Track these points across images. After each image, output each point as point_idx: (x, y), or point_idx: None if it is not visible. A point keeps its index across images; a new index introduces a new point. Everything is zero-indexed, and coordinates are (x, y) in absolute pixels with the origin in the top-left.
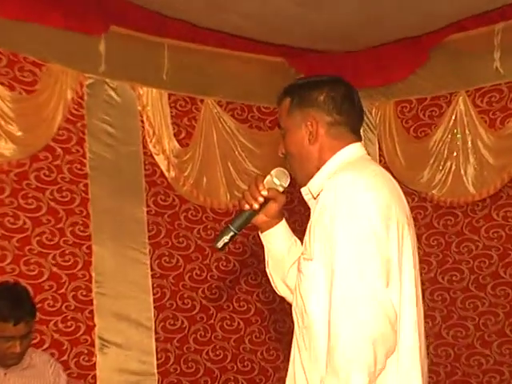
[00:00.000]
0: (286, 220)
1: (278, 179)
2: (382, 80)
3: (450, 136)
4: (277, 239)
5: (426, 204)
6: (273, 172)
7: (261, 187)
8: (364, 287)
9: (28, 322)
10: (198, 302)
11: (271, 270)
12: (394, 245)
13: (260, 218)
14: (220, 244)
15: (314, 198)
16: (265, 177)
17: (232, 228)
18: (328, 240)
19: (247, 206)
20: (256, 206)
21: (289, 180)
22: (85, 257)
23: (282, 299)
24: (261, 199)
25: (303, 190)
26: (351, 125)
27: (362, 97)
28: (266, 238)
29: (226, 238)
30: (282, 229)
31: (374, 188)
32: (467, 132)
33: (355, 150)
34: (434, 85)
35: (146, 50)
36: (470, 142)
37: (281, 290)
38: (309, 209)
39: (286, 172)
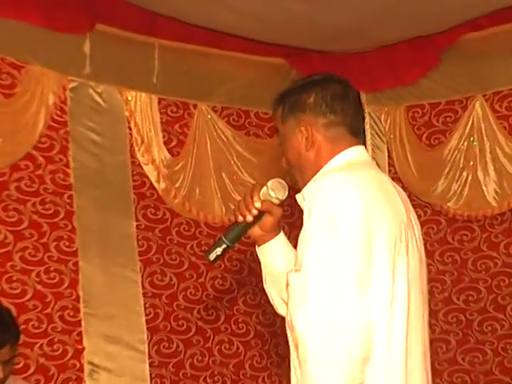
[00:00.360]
0: (287, 234)
1: (273, 191)
2: (390, 83)
3: (466, 144)
4: (272, 254)
5: (439, 218)
6: (269, 183)
7: (255, 198)
8: (340, 308)
9: (12, 345)
10: (193, 324)
11: (268, 286)
12: (380, 255)
13: (255, 232)
14: (212, 256)
15: None
16: (262, 186)
17: (225, 240)
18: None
19: (241, 218)
20: (250, 219)
21: (286, 192)
22: (71, 274)
23: (284, 320)
24: (254, 211)
25: (297, 198)
26: (349, 124)
27: (370, 102)
28: (262, 252)
29: (218, 250)
30: (279, 243)
31: (353, 192)
32: (485, 139)
33: (354, 153)
34: (449, 88)
35: (135, 50)
36: (488, 150)
37: (280, 308)
38: None
39: (284, 184)
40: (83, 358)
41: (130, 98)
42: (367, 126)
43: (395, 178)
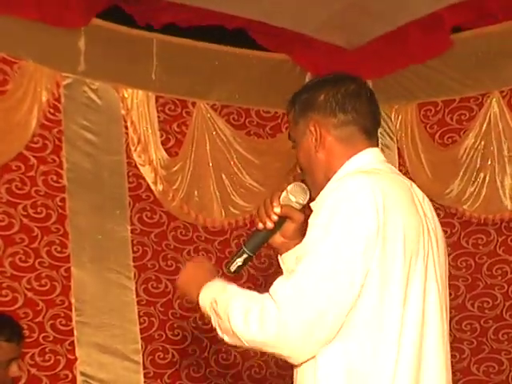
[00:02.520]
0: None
1: (293, 195)
2: (400, 64)
3: (482, 143)
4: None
5: (453, 220)
6: (288, 187)
7: (275, 204)
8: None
9: (18, 343)
10: (189, 333)
11: None
12: (394, 261)
13: (277, 239)
14: (233, 267)
15: None
16: (282, 192)
17: (246, 250)
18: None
19: (261, 225)
20: (270, 225)
21: (308, 196)
22: (63, 281)
23: None
24: (274, 217)
25: (312, 206)
26: (362, 124)
27: (379, 98)
28: (284, 261)
29: (239, 261)
30: None
31: (366, 203)
32: (503, 138)
33: (370, 156)
34: (463, 84)
35: (132, 46)
36: (506, 150)
37: None
38: None
39: (305, 187)
40: (76, 369)
41: (126, 96)
42: None
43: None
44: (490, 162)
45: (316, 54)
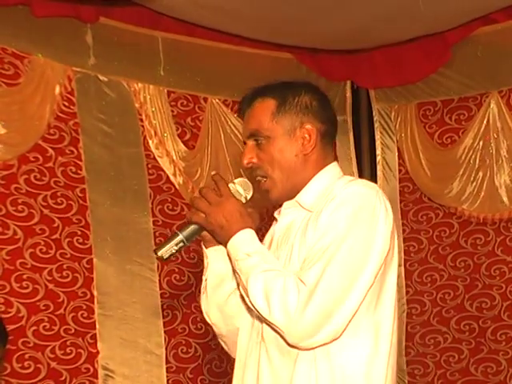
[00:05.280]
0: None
1: (242, 188)
2: (400, 80)
3: (481, 143)
4: (225, 257)
5: (452, 220)
6: (236, 180)
7: None
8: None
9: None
10: (211, 327)
11: (209, 292)
12: (391, 279)
13: None
14: (166, 254)
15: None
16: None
17: (183, 238)
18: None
19: (202, 214)
20: None
21: (251, 193)
22: (85, 272)
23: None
24: None
25: (287, 204)
26: (334, 137)
27: (380, 98)
28: (213, 254)
29: (174, 248)
30: None
31: (389, 204)
32: (501, 138)
33: (338, 170)
34: (462, 84)
35: (139, 43)
36: (504, 150)
37: (213, 317)
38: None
39: (250, 185)
40: (97, 363)
41: (137, 90)
42: (377, 124)
43: (407, 178)
44: (488, 162)
45: (320, 55)
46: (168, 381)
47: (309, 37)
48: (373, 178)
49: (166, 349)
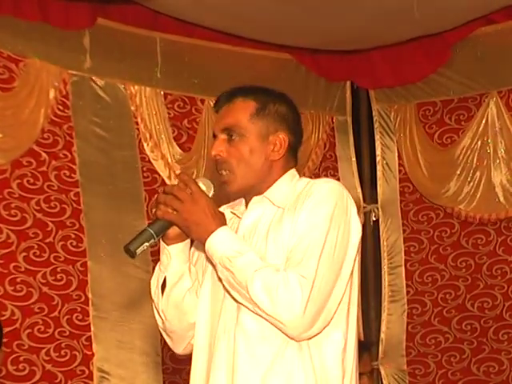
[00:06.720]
0: None
1: (206, 187)
2: (400, 80)
3: (479, 143)
4: (184, 255)
5: (452, 221)
6: (199, 179)
7: None
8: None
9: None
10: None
11: (168, 289)
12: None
13: (176, 229)
14: (139, 251)
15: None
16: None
17: (153, 234)
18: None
19: (170, 210)
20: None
21: (213, 191)
22: (79, 275)
23: None
24: None
25: (256, 199)
26: (297, 152)
27: (379, 98)
28: (174, 251)
29: (146, 245)
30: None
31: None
32: (499, 138)
33: (297, 174)
34: (461, 85)
35: (137, 44)
36: (502, 150)
37: (169, 314)
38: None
39: (211, 184)
40: (92, 365)
41: (134, 92)
42: (376, 124)
43: (405, 178)
44: (486, 162)
45: (319, 56)
46: (164, 382)
47: (308, 37)
48: (373, 177)
49: (163, 350)
